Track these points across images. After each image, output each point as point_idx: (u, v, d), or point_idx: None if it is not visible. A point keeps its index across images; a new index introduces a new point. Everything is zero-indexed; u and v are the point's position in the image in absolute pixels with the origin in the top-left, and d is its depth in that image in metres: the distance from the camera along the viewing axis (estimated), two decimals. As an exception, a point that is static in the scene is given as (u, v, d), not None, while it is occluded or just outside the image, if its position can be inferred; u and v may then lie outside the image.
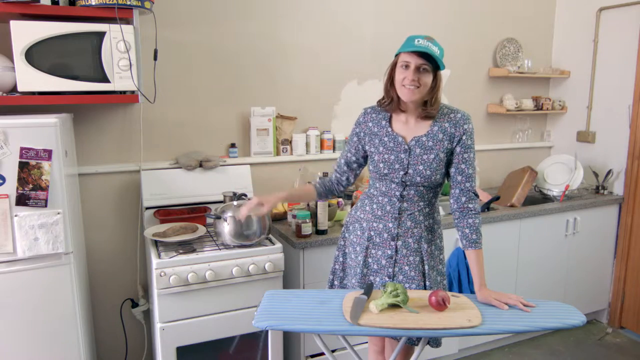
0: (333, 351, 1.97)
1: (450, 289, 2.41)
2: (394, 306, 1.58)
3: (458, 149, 1.77)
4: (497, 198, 3.03)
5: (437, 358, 2.79)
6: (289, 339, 2.48)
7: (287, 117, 2.83)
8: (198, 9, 2.55)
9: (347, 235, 1.96)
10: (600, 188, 3.30)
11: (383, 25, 3.00)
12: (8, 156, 1.81)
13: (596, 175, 3.31)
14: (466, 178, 1.77)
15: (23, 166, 1.83)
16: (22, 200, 1.84)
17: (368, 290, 1.67)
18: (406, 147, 1.78)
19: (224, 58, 2.64)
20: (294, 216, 2.44)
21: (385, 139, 1.81)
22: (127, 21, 2.13)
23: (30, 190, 1.85)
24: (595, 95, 3.38)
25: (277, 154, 2.82)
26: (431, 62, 1.69)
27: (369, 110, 1.89)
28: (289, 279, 2.43)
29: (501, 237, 2.85)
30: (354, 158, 1.92)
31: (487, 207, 2.96)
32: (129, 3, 2.05)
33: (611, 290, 3.38)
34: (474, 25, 3.29)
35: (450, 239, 2.67)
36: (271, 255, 2.22)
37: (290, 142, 2.85)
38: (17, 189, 1.83)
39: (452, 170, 1.79)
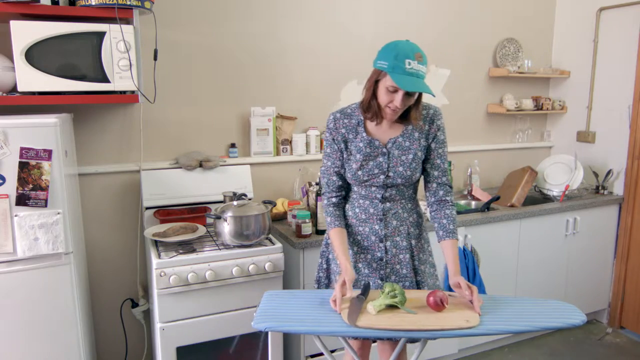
0: (332, 351, 1.97)
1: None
2: (391, 307, 1.58)
3: (433, 145, 1.78)
4: (497, 198, 3.03)
5: (437, 358, 2.79)
6: (289, 339, 2.48)
7: (287, 117, 2.83)
8: (198, 9, 2.55)
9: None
10: (600, 188, 3.30)
11: (383, 25, 3.00)
12: (8, 156, 1.81)
13: (596, 175, 3.31)
14: (442, 172, 1.81)
15: (23, 166, 1.83)
16: (22, 200, 1.85)
17: (365, 290, 1.67)
18: (384, 150, 1.76)
19: (224, 58, 2.64)
20: (294, 216, 2.44)
21: (361, 144, 1.76)
22: (127, 21, 2.13)
23: (30, 190, 1.85)
24: (595, 95, 3.38)
25: (277, 154, 2.82)
26: None
27: (338, 115, 1.80)
28: (289, 279, 2.43)
29: (501, 237, 2.85)
30: (343, 170, 1.84)
31: (487, 207, 2.96)
32: (129, 3, 2.05)
33: (611, 290, 3.38)
34: (474, 25, 3.29)
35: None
36: (271, 255, 2.22)
37: (290, 142, 2.85)
38: (17, 189, 1.83)
39: (428, 165, 1.81)
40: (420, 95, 1.71)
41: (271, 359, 2.29)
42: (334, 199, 1.85)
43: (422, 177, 1.86)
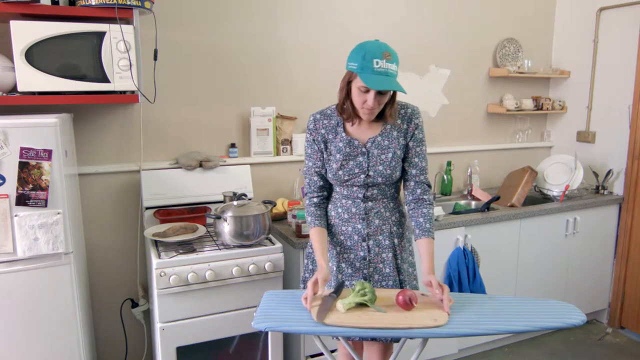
0: (332, 351, 1.97)
1: (451, 289, 2.41)
2: (361, 305, 1.58)
3: (411, 143, 1.80)
4: (497, 198, 3.03)
5: (437, 358, 2.80)
6: (289, 339, 2.48)
7: (287, 117, 2.83)
8: (198, 9, 2.55)
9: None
10: (600, 188, 3.30)
11: (383, 25, 3.00)
12: (8, 156, 1.81)
13: (596, 175, 3.31)
14: (420, 171, 1.82)
15: (23, 166, 1.83)
16: (22, 200, 1.85)
17: (338, 289, 1.68)
18: (363, 149, 1.77)
19: (224, 58, 2.64)
20: (294, 216, 2.44)
21: (340, 144, 1.78)
22: (127, 21, 2.13)
23: (30, 190, 1.85)
24: (595, 95, 3.38)
25: (277, 154, 2.82)
26: None
27: (318, 116, 1.84)
28: (289, 279, 2.43)
29: (501, 237, 2.85)
30: (324, 170, 1.85)
31: (487, 207, 2.96)
32: (129, 3, 2.05)
33: (611, 290, 3.38)
34: (474, 25, 3.29)
35: (450, 239, 2.68)
36: (271, 255, 2.22)
37: (290, 142, 2.85)
38: (17, 189, 1.83)
39: (406, 164, 1.82)
40: (394, 93, 1.73)
41: (271, 359, 2.29)
42: (315, 199, 1.87)
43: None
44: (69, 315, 2.00)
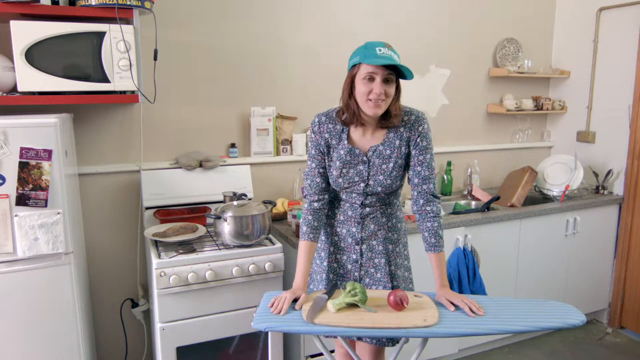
0: (332, 351, 1.97)
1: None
2: (352, 305, 1.58)
3: (414, 151, 1.75)
4: (497, 198, 3.03)
5: (437, 358, 2.80)
6: (289, 339, 2.48)
7: (287, 117, 2.83)
8: (198, 9, 2.55)
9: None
10: (600, 188, 3.30)
11: (383, 25, 3.00)
12: (8, 156, 1.81)
13: (596, 175, 3.31)
14: (423, 180, 1.75)
15: (23, 166, 1.83)
16: (22, 200, 1.85)
17: (331, 290, 1.69)
18: (364, 158, 1.75)
19: (224, 58, 2.64)
20: (294, 216, 2.44)
21: (342, 152, 1.75)
22: (127, 21, 2.13)
23: (30, 190, 1.85)
24: (595, 95, 3.38)
25: (277, 154, 2.82)
26: (393, 71, 1.63)
27: (324, 119, 1.79)
28: (289, 279, 2.43)
29: (501, 237, 2.85)
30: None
31: (487, 207, 2.96)
32: (129, 3, 2.05)
33: (611, 290, 3.38)
34: (474, 25, 3.29)
35: (450, 239, 2.68)
36: (271, 255, 2.22)
37: (290, 142, 2.85)
38: (17, 189, 1.83)
39: (410, 173, 1.78)
40: (398, 91, 1.69)
41: (271, 359, 2.29)
42: (315, 204, 1.81)
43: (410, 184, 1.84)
44: (69, 315, 2.00)
